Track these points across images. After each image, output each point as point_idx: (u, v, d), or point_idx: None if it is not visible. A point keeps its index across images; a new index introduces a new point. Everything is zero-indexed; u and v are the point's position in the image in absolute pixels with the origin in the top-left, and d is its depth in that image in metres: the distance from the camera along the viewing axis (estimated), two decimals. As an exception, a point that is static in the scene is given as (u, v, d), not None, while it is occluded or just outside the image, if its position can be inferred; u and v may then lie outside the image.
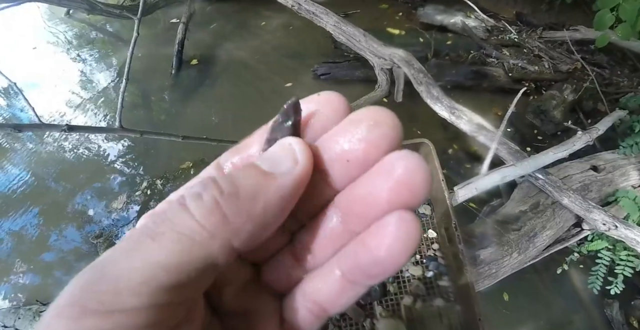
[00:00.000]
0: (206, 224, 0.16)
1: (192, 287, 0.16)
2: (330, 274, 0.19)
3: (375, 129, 0.18)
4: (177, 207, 0.17)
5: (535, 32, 2.99)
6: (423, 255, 1.05)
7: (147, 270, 0.15)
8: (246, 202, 0.17)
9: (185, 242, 0.16)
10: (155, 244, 0.16)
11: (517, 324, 1.84)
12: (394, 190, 0.17)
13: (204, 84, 2.79)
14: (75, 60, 3.07)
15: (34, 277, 2.03)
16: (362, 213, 0.18)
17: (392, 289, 1.03)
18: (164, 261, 0.15)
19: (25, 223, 2.20)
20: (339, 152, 0.19)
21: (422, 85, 1.79)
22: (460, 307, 0.99)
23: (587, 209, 1.45)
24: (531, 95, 2.65)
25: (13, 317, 1.74)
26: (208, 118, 2.61)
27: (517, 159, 1.50)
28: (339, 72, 2.64)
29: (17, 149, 2.52)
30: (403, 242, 0.17)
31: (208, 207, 0.16)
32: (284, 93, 2.62)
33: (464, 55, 2.81)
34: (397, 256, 0.17)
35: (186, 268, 0.16)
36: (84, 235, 2.14)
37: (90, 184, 2.34)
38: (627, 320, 1.90)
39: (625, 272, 1.65)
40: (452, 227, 0.98)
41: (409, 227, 0.17)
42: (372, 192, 0.18)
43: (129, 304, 0.15)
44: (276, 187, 0.17)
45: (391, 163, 0.18)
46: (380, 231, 0.17)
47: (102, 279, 0.15)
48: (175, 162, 2.37)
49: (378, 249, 0.17)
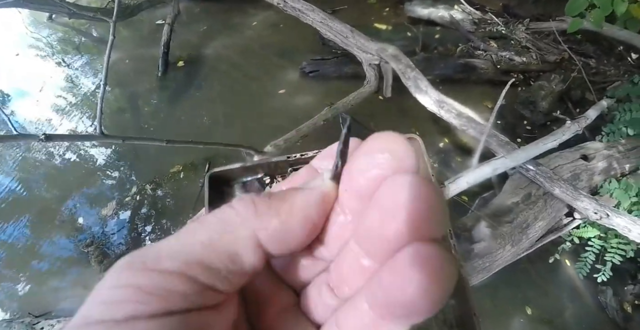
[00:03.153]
0: (241, 211, 0.19)
1: (219, 274, 0.18)
2: (359, 307, 0.18)
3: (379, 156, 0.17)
4: (226, 207, 0.20)
5: (522, 23, 2.99)
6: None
7: (186, 242, 0.19)
8: (275, 202, 0.20)
9: (221, 225, 0.19)
10: (200, 225, 0.19)
11: (513, 314, 1.85)
12: (408, 220, 0.15)
13: (192, 86, 2.76)
14: (60, 65, 3.02)
15: (26, 286, 2.00)
16: (379, 243, 0.17)
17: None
18: (201, 238, 0.19)
19: (15, 232, 2.16)
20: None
21: (410, 80, 1.78)
22: (455, 301, 0.99)
23: (578, 198, 1.46)
24: (519, 87, 2.66)
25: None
26: (198, 120, 2.58)
27: (508, 151, 1.50)
28: (327, 68, 2.62)
29: (4, 156, 2.48)
30: (425, 279, 0.14)
31: (245, 203, 0.20)
32: (277, 98, 2.60)
33: (452, 48, 2.81)
34: (417, 294, 0.15)
35: (217, 246, 0.18)
36: (75, 243, 2.10)
37: (79, 190, 2.30)
38: (621, 306, 1.92)
39: (614, 260, 1.67)
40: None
41: (427, 260, 0.15)
42: (384, 221, 0.16)
43: (164, 266, 0.18)
44: (303, 195, 0.20)
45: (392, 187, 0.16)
46: (394, 266, 0.15)
47: (150, 247, 0.19)
48: (165, 165, 2.34)
49: (392, 284, 0.15)
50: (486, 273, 1.34)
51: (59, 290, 1.99)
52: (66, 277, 2.03)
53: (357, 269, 0.19)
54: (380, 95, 2.10)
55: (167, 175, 2.31)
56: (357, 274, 0.19)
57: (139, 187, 2.28)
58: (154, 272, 0.18)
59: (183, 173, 2.31)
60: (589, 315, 1.90)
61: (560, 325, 1.85)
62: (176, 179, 2.29)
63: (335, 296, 0.20)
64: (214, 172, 1.19)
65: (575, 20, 2.23)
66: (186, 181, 2.28)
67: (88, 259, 2.03)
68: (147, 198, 2.25)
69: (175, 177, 2.30)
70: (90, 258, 2.02)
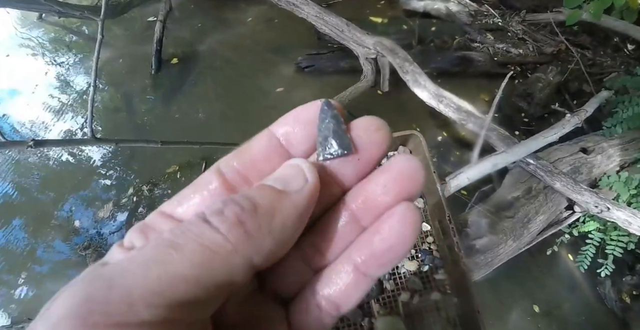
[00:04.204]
0: (230, 237, 0.16)
1: (207, 305, 0.16)
2: (343, 269, 0.20)
3: (376, 134, 0.21)
4: (199, 221, 0.17)
5: (519, 15, 2.97)
6: (418, 249, 1.03)
7: (166, 281, 0.15)
8: (265, 218, 0.18)
9: (208, 254, 0.16)
10: (178, 255, 0.15)
11: (512, 306, 1.86)
12: (399, 185, 0.20)
13: (186, 83, 2.73)
14: (52, 64, 2.97)
15: (23, 290, 1.99)
16: (372, 207, 0.20)
17: (388, 286, 1.01)
18: (185, 272, 0.15)
19: (11, 236, 2.14)
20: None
21: (408, 74, 1.76)
22: (458, 299, 0.98)
23: (579, 192, 1.45)
24: (517, 79, 2.64)
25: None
26: (193, 118, 2.55)
27: (507, 145, 1.49)
28: (323, 63, 2.59)
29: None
30: (410, 227, 0.19)
31: (231, 221, 0.17)
32: (273, 95, 2.57)
33: (449, 41, 2.79)
34: (406, 241, 0.19)
35: (206, 281, 0.15)
36: (72, 246, 2.08)
37: (75, 192, 2.27)
38: (620, 297, 1.93)
39: (615, 252, 1.67)
40: (446, 219, 0.96)
41: (413, 215, 0.19)
42: (381, 187, 0.20)
43: (142, 317, 0.14)
44: (291, 203, 0.18)
45: (395, 162, 0.20)
46: (391, 220, 0.19)
47: (111, 289, 0.14)
48: (161, 165, 2.31)
49: (390, 235, 0.19)
50: (488, 268, 1.34)
51: (61, 285, 1.96)
52: (64, 281, 1.99)
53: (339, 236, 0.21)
54: (378, 90, 2.08)
55: (163, 175, 2.28)
56: (338, 240, 0.21)
57: (135, 188, 2.25)
58: (123, 327, 0.14)
59: (180, 173, 2.28)
60: (588, 306, 1.92)
61: (559, 317, 1.86)
62: (173, 179, 2.27)
63: (309, 269, 0.21)
64: None
65: (574, 13, 2.21)
66: (183, 181, 2.26)
67: (86, 262, 2.01)
68: (144, 199, 2.22)
69: (172, 177, 2.27)
70: (88, 261, 2.00)
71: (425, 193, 1.10)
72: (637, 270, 1.99)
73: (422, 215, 1.08)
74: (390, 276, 1.02)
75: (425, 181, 0.20)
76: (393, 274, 1.03)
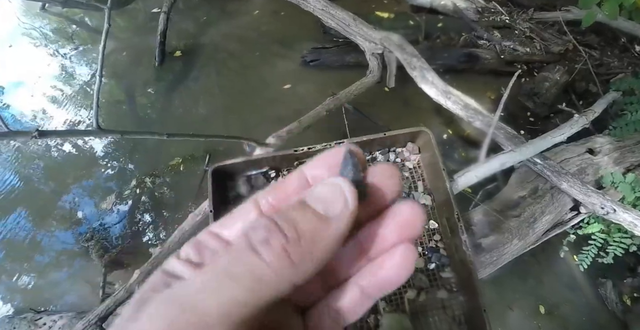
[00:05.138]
0: (277, 268, 0.19)
1: (258, 320, 0.20)
2: (351, 290, 0.25)
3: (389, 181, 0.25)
4: (248, 249, 0.20)
5: (527, 13, 2.94)
6: (425, 247, 1.02)
7: (231, 305, 0.18)
8: (308, 246, 0.20)
9: (259, 282, 0.19)
10: (235, 283, 0.19)
11: (514, 305, 1.86)
12: (402, 229, 0.24)
13: (190, 76, 2.70)
14: (55, 56, 2.94)
15: (26, 280, 1.99)
16: (379, 243, 0.24)
17: (395, 283, 1.00)
18: (243, 298, 0.19)
19: (14, 226, 2.14)
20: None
21: (415, 70, 1.74)
22: (464, 297, 0.98)
23: (585, 193, 1.44)
24: (523, 77, 2.62)
25: (8, 327, 1.69)
26: (196, 111, 2.53)
27: (515, 144, 1.47)
28: (328, 57, 2.57)
29: (1, 149, 2.42)
30: (408, 265, 0.23)
31: (277, 253, 0.19)
32: (277, 89, 2.55)
33: (455, 37, 2.76)
34: (403, 274, 0.23)
35: (257, 303, 0.19)
36: (75, 237, 2.08)
37: (78, 183, 2.27)
38: (620, 298, 1.93)
39: (617, 251, 1.67)
40: (454, 217, 0.95)
41: (412, 255, 0.24)
42: (389, 231, 0.24)
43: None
44: (332, 231, 0.21)
45: (402, 210, 0.24)
46: (393, 258, 0.24)
47: (189, 313, 0.18)
48: (164, 157, 2.30)
49: (391, 269, 0.23)
50: (493, 267, 1.33)
51: (59, 284, 1.98)
52: (67, 272, 2.02)
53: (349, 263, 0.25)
54: (385, 87, 2.05)
55: (166, 167, 2.27)
56: (349, 266, 0.25)
57: (138, 180, 2.24)
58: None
59: (183, 165, 2.27)
60: (588, 307, 1.92)
61: (560, 317, 1.86)
62: (176, 172, 2.26)
63: (325, 286, 0.25)
64: (217, 167, 1.13)
65: (590, 13, 2.18)
66: (186, 173, 2.25)
67: (89, 253, 2.01)
68: (147, 191, 2.21)
69: (175, 169, 2.26)
70: (90, 252, 2.00)
71: (433, 190, 1.09)
72: (638, 272, 1.99)
73: (430, 212, 1.07)
74: (397, 273, 1.01)
75: (424, 222, 0.25)
76: (400, 271, 1.02)
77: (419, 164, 1.14)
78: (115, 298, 1.38)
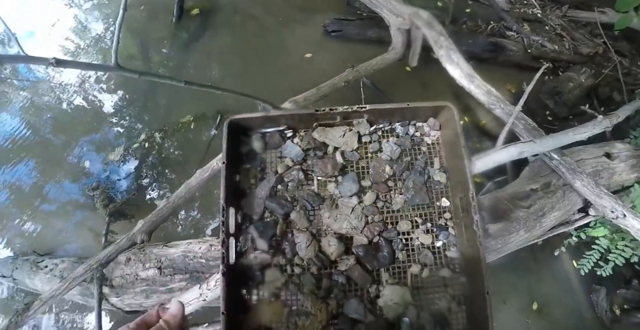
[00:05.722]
0: None
1: None
2: None
3: None
4: None
5: (560, 9, 2.82)
6: (434, 224, 0.98)
7: None
8: None
9: None
10: None
11: (508, 297, 1.86)
12: None
13: (206, 36, 2.60)
14: (70, 6, 2.82)
15: (31, 227, 2.00)
16: None
17: (400, 256, 0.97)
18: None
19: (22, 175, 2.13)
20: None
21: (442, 49, 1.66)
22: (466, 279, 0.94)
23: (598, 194, 1.39)
24: (547, 75, 2.54)
25: (10, 267, 1.69)
26: (209, 73, 2.45)
27: (533, 136, 1.42)
28: (350, 30, 2.47)
29: (13, 99, 2.37)
30: None
31: None
32: (295, 55, 2.46)
33: (483, 25, 2.65)
34: None
35: None
36: (81, 187, 2.07)
37: (87, 135, 2.24)
38: (611, 307, 1.92)
39: (617, 261, 1.64)
40: (469, 196, 0.90)
41: None
42: None
43: None
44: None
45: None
46: None
47: None
48: (174, 115, 2.26)
49: None
50: (496, 254, 1.30)
51: (63, 232, 1.99)
52: (71, 220, 2.02)
53: None
54: (407, 66, 1.98)
55: (177, 124, 2.24)
56: None
57: (147, 135, 2.22)
58: None
59: (193, 123, 2.24)
60: (578, 310, 1.92)
61: (549, 315, 1.86)
62: (186, 129, 2.23)
63: None
64: (234, 119, 1.07)
65: (624, 17, 2.07)
66: (196, 132, 2.22)
67: (93, 203, 2.00)
68: (155, 146, 2.19)
69: (185, 127, 2.23)
70: (95, 201, 2.00)
71: (449, 169, 1.04)
72: (633, 285, 1.97)
73: (444, 190, 1.02)
74: (403, 247, 0.98)
75: None
76: (407, 245, 0.98)
77: (438, 140, 1.09)
78: (118, 245, 1.35)
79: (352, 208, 0.96)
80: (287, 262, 0.94)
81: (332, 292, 0.93)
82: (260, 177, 1.02)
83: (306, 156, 1.04)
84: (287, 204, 0.97)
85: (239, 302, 0.93)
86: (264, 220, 0.97)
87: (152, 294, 1.31)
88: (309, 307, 0.91)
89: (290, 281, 0.94)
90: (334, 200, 1.00)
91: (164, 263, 1.30)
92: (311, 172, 1.02)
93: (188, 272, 1.29)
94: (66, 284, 1.31)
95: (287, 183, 1.00)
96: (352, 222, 0.95)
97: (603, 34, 2.63)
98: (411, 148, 1.06)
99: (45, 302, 1.32)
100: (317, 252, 0.93)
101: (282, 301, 0.93)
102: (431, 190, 1.02)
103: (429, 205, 1.01)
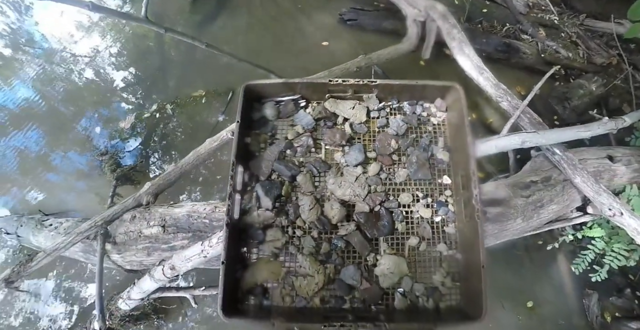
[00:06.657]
0: None
1: None
2: None
3: None
4: None
5: (578, 17, 2.83)
6: (435, 199, 1.01)
7: None
8: None
9: None
10: None
11: (500, 294, 1.87)
12: None
13: (223, 14, 2.63)
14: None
15: (36, 192, 2.03)
16: None
17: (400, 227, 1.00)
18: None
19: (30, 141, 2.17)
20: None
21: (455, 40, 1.69)
22: (462, 256, 0.97)
23: (597, 191, 1.41)
24: (558, 81, 2.55)
25: (15, 224, 1.72)
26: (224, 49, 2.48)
27: (537, 130, 1.44)
28: (366, 20, 2.50)
29: (27, 68, 2.41)
30: None
31: None
32: (309, 39, 2.49)
33: (498, 26, 2.67)
34: None
35: None
36: (89, 154, 2.11)
37: (97, 106, 2.28)
38: (602, 313, 1.93)
39: (612, 264, 1.65)
40: (470, 172, 0.93)
41: None
42: None
43: None
44: None
45: None
46: None
47: None
48: (186, 89, 2.29)
49: None
50: (493, 240, 1.32)
51: (69, 197, 2.02)
52: (72, 191, 2.05)
53: None
54: (421, 61, 2.00)
55: (188, 98, 2.27)
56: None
57: (159, 106, 2.25)
58: None
59: (205, 98, 2.26)
60: (569, 313, 1.93)
61: (539, 315, 1.87)
62: (198, 103, 2.26)
63: None
64: (250, 84, 1.12)
65: (636, 25, 2.06)
66: (207, 106, 2.25)
67: (101, 167, 2.04)
68: (166, 117, 2.23)
69: (197, 101, 2.26)
70: (103, 166, 2.03)
71: (452, 149, 1.07)
72: (625, 294, 1.98)
73: (446, 168, 1.05)
74: (403, 218, 1.01)
75: None
76: (407, 217, 1.01)
77: (444, 122, 1.12)
78: (124, 205, 1.39)
79: (357, 176, 0.99)
80: (289, 223, 0.98)
81: (331, 256, 0.96)
82: (270, 142, 1.05)
83: (316, 126, 1.07)
84: (295, 167, 1.00)
85: (239, 259, 0.96)
86: (271, 180, 1.00)
87: (154, 251, 1.35)
88: (307, 269, 0.94)
89: (291, 242, 0.97)
90: (339, 168, 1.03)
91: (168, 222, 1.34)
92: (320, 140, 1.06)
93: (191, 231, 1.32)
94: (70, 238, 1.34)
95: (295, 148, 1.03)
96: (355, 190, 0.98)
97: (619, 46, 2.64)
98: (417, 126, 1.09)
99: (49, 254, 1.35)
100: (319, 216, 0.96)
101: (281, 261, 0.96)
102: (434, 167, 1.05)
103: (431, 181, 1.03)
